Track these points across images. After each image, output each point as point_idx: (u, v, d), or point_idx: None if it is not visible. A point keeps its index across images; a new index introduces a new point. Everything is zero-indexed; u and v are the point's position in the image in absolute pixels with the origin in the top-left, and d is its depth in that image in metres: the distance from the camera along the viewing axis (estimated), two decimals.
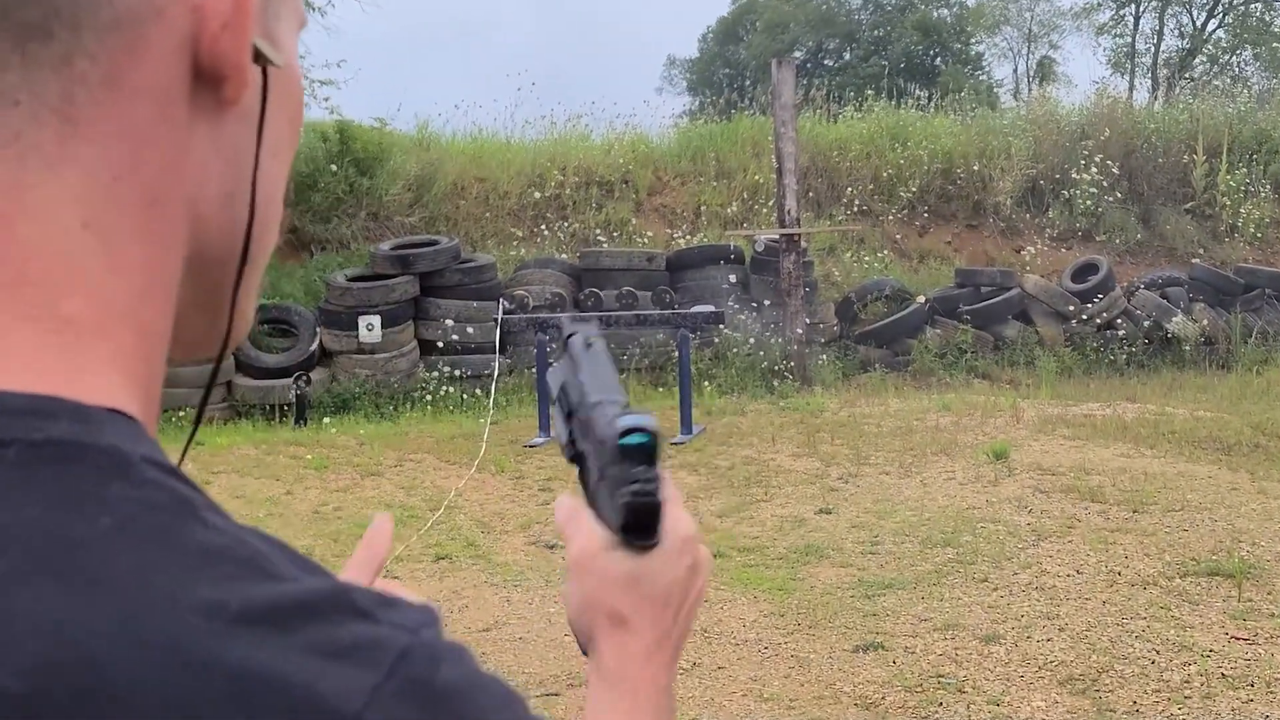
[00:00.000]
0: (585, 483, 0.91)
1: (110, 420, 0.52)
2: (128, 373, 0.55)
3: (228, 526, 0.51)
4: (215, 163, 0.59)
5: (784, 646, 5.65)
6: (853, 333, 16.00)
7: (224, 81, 0.57)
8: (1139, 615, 5.84)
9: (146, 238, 0.56)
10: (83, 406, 0.51)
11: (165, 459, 0.53)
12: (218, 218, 0.60)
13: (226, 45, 0.56)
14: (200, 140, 0.58)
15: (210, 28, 0.56)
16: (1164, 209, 19.11)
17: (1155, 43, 44.33)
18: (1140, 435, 10.22)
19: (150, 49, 0.55)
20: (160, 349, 0.58)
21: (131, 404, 0.54)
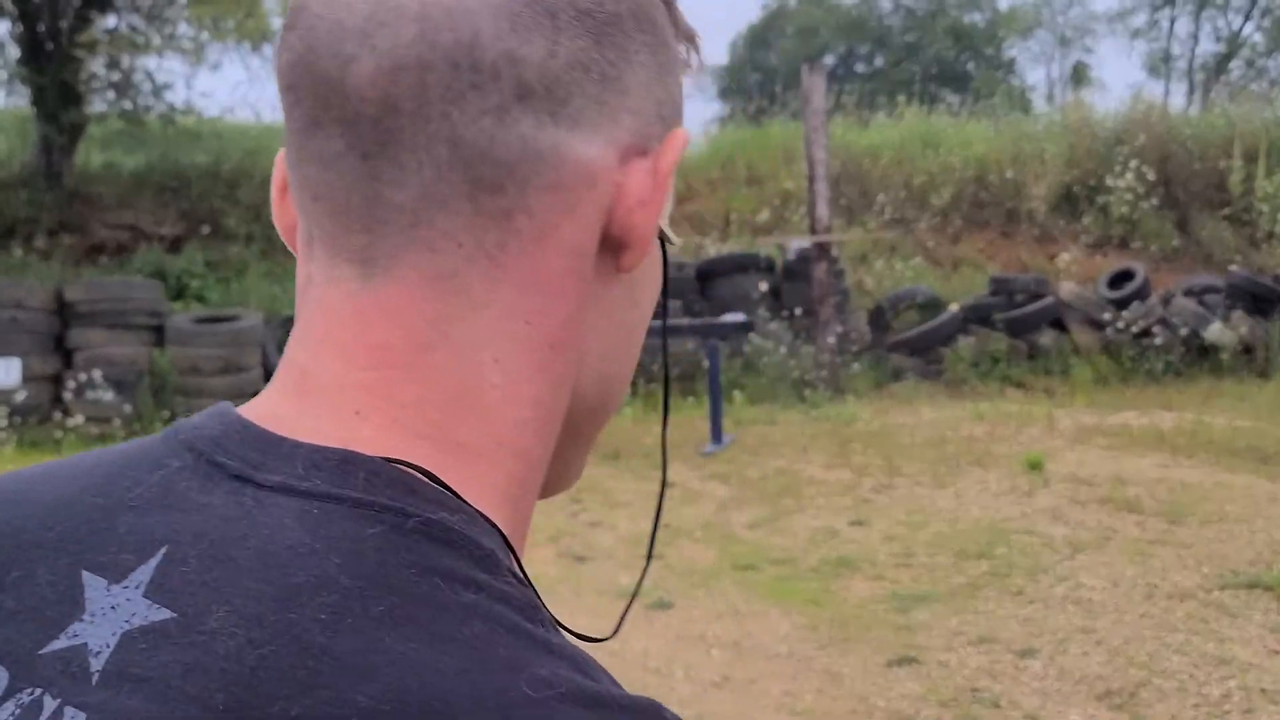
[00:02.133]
0: None
1: (490, 530, 0.60)
2: (504, 495, 0.63)
3: (565, 638, 0.58)
4: (601, 320, 0.67)
5: (817, 660, 5.59)
6: (885, 341, 15.91)
7: (625, 250, 0.65)
8: (1177, 629, 5.76)
9: (542, 377, 0.64)
10: (472, 509, 0.60)
11: (525, 575, 0.61)
12: (596, 369, 0.68)
13: (639, 220, 0.64)
14: (595, 300, 0.66)
15: (627, 203, 0.64)
16: (1201, 215, 18.95)
17: (1191, 47, 44.10)
18: (1178, 445, 10.11)
19: (577, 213, 0.63)
20: (537, 478, 0.66)
21: (504, 522, 0.62)
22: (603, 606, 6.49)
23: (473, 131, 0.59)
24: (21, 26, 15.88)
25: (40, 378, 12.81)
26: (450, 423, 0.61)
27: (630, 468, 10.18)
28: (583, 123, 0.62)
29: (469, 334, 0.61)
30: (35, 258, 15.07)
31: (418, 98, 0.58)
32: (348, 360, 0.61)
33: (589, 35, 0.62)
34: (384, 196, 0.60)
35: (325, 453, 0.58)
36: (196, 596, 0.54)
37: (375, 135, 0.59)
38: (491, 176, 0.60)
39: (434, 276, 0.61)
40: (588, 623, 6.15)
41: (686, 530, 8.04)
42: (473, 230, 0.60)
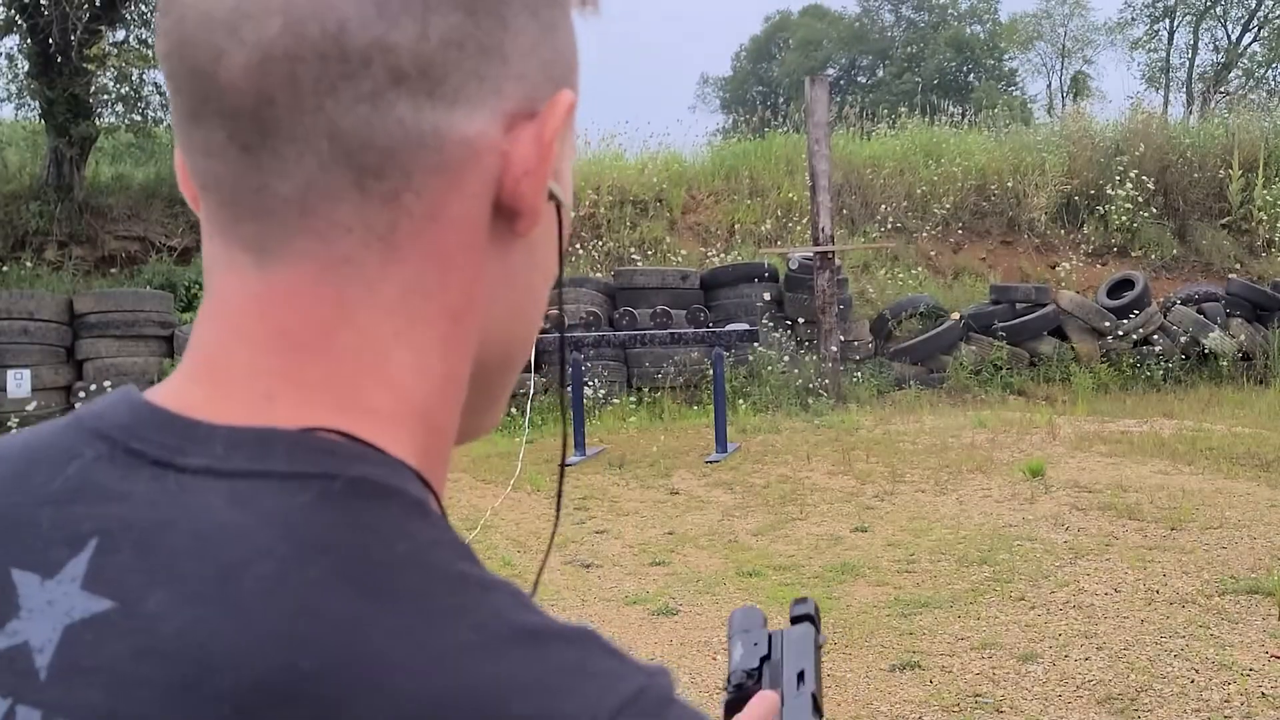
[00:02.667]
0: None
1: (413, 476, 0.61)
2: (418, 456, 0.63)
3: (498, 576, 0.58)
4: (503, 285, 0.67)
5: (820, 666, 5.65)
6: (887, 350, 15.98)
7: (518, 217, 0.65)
8: (1177, 634, 5.82)
9: (446, 349, 0.64)
10: (393, 459, 0.60)
11: (446, 517, 0.62)
12: (500, 332, 0.68)
13: (527, 188, 0.64)
14: (493, 266, 0.66)
15: (514, 172, 0.63)
16: (1200, 224, 19.03)
17: (1190, 57, 44.10)
18: (1178, 452, 10.17)
19: (465, 188, 0.62)
20: (446, 445, 0.67)
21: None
22: (609, 613, 6.56)
23: (350, 120, 0.59)
24: (31, 41, 15.96)
25: (51, 388, 12.90)
26: (360, 395, 0.61)
27: (636, 476, 10.25)
28: (462, 99, 0.61)
29: (370, 313, 0.61)
30: (46, 269, 15.15)
31: (290, 90, 0.58)
32: (253, 346, 0.61)
33: (461, 9, 0.61)
34: (270, 187, 0.60)
35: (243, 432, 0.58)
36: (134, 584, 0.54)
37: (254, 127, 0.59)
38: (375, 163, 0.60)
39: (328, 262, 0.61)
40: (594, 629, 6.23)
41: (691, 537, 8.11)
42: (362, 215, 0.60)
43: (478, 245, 0.64)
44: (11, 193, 16.07)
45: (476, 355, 0.67)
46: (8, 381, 12.50)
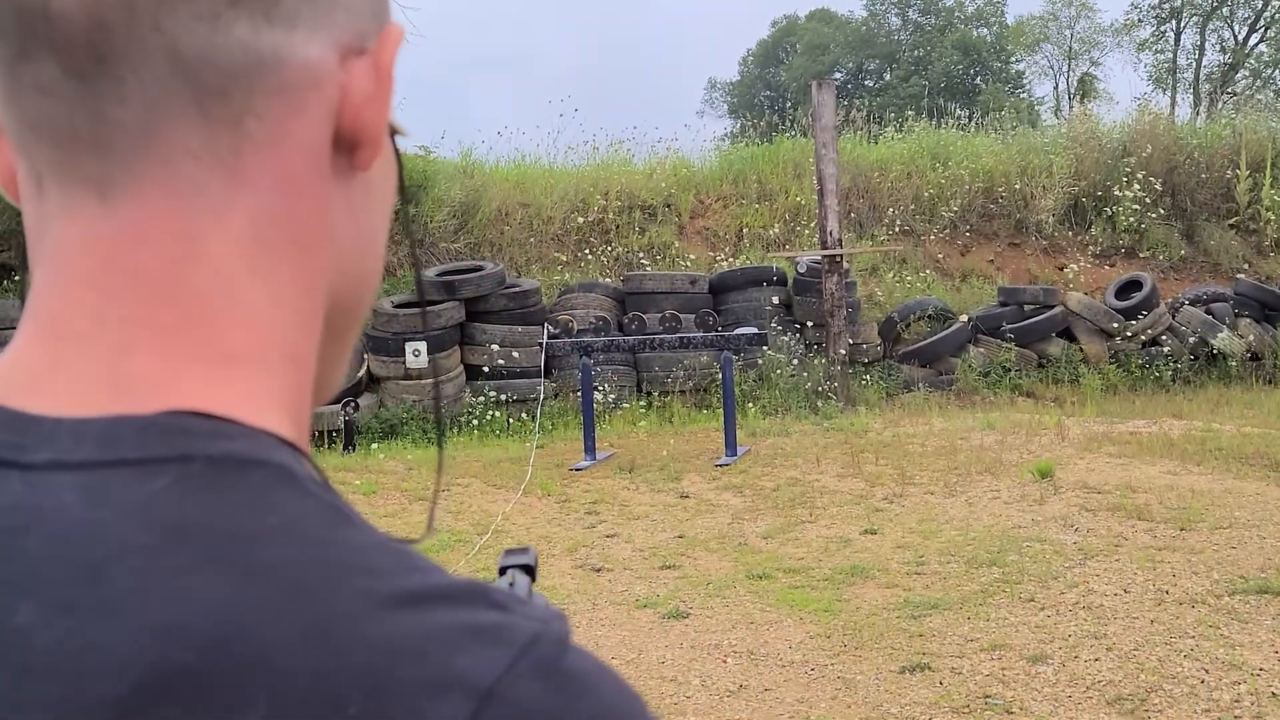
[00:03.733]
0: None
1: (276, 444, 0.59)
2: (284, 403, 0.62)
3: (377, 532, 0.58)
4: (347, 219, 0.67)
5: (830, 668, 5.67)
6: (896, 352, 15.99)
7: (359, 149, 0.65)
8: (1187, 634, 5.82)
9: (299, 279, 0.63)
10: (254, 429, 0.58)
11: (322, 477, 0.60)
12: (349, 268, 0.68)
13: (369, 118, 0.64)
14: (337, 199, 0.65)
15: (354, 100, 0.63)
16: (1207, 224, 19.02)
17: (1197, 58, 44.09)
18: (1187, 452, 10.17)
19: (307, 113, 0.62)
20: (309, 382, 0.65)
21: (287, 430, 0.61)
22: (620, 617, 6.58)
23: (188, 39, 0.58)
24: None
25: None
26: (219, 338, 0.59)
27: (646, 480, 10.26)
28: (299, 23, 0.61)
29: (221, 245, 0.60)
30: None
31: (125, 11, 0.57)
32: (102, 293, 0.59)
33: None
34: (109, 115, 0.58)
35: (88, 423, 0.56)
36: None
37: (88, 54, 0.57)
38: (216, 83, 0.59)
39: (175, 191, 0.59)
40: (605, 633, 6.25)
41: (701, 541, 8.12)
42: (206, 139, 0.59)
43: (323, 174, 0.64)
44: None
45: (328, 293, 0.66)
46: None
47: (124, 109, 0.58)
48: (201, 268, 0.60)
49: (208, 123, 0.59)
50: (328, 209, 0.65)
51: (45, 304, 0.60)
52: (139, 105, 0.58)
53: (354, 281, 0.69)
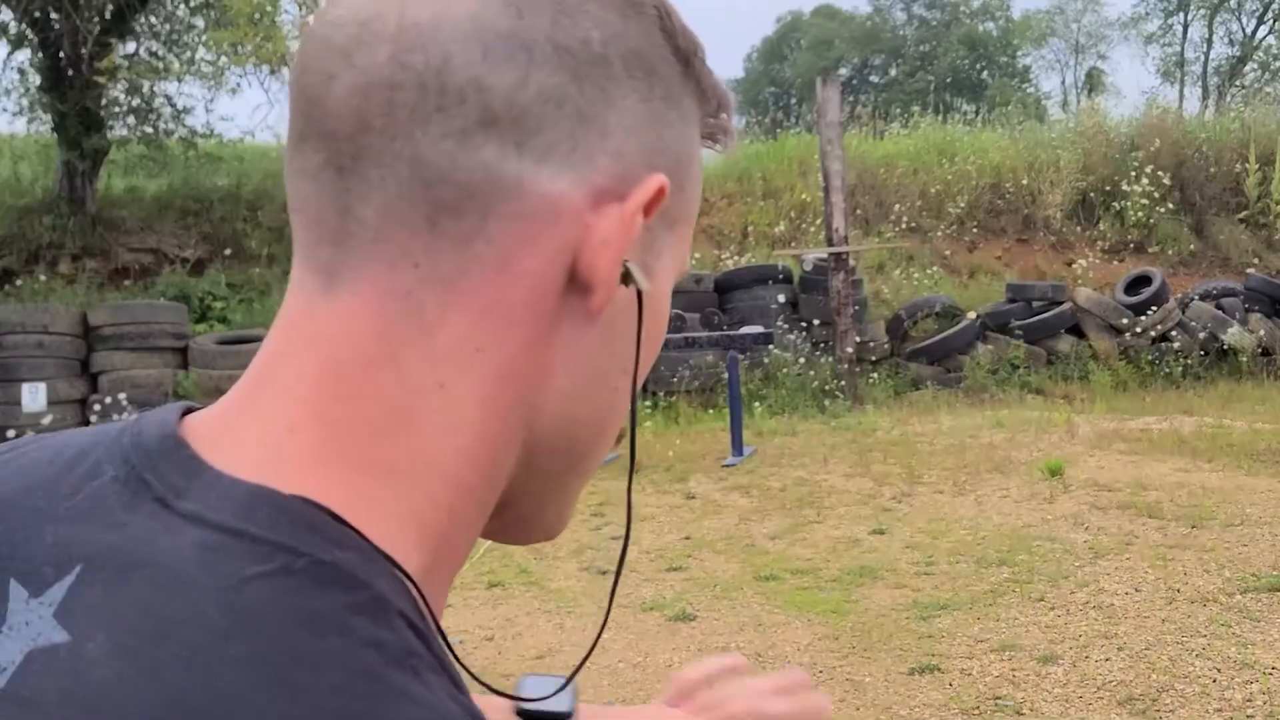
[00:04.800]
0: None
1: (387, 570, 0.59)
2: (426, 524, 0.62)
3: (443, 690, 0.56)
4: (566, 360, 0.66)
5: (839, 670, 5.62)
6: (903, 350, 15.94)
7: (592, 292, 0.64)
8: (1199, 633, 5.77)
9: (487, 406, 0.63)
10: (372, 548, 0.59)
11: (419, 617, 0.59)
12: (561, 408, 0.67)
13: (602, 260, 0.63)
14: (560, 336, 0.65)
15: (592, 242, 0.63)
16: (1217, 219, 18.95)
17: (1205, 51, 44.01)
18: (1198, 449, 10.11)
19: (539, 245, 0.62)
20: (474, 509, 0.65)
21: (417, 556, 0.61)
22: (626, 620, 6.54)
23: (434, 152, 0.60)
24: (42, 54, 16.03)
25: (66, 401, 12.93)
26: (377, 444, 0.61)
27: (653, 481, 10.22)
28: (552, 157, 0.62)
29: (418, 356, 0.61)
30: (60, 283, 15.19)
31: (386, 115, 0.60)
32: (297, 372, 0.62)
33: (566, 71, 0.62)
34: (352, 210, 0.61)
35: (240, 486, 0.58)
36: (89, 621, 0.55)
37: (350, 150, 0.61)
38: (452, 199, 0.61)
39: (389, 293, 0.61)
40: (611, 637, 6.21)
41: (709, 542, 8.08)
42: (431, 252, 0.61)
43: (544, 309, 0.63)
44: (24, 207, 16.12)
45: (529, 428, 0.66)
46: (23, 395, 12.52)
47: (365, 206, 0.61)
48: (388, 374, 0.61)
49: (436, 236, 0.61)
50: (542, 344, 0.64)
51: (259, 364, 0.64)
52: (378, 206, 0.61)
53: (567, 422, 0.68)
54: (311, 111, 0.62)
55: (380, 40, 0.60)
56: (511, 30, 0.61)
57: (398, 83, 0.60)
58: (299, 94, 0.63)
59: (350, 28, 0.61)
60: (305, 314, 0.63)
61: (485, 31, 0.61)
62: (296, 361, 0.62)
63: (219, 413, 0.64)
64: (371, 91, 0.60)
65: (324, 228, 0.62)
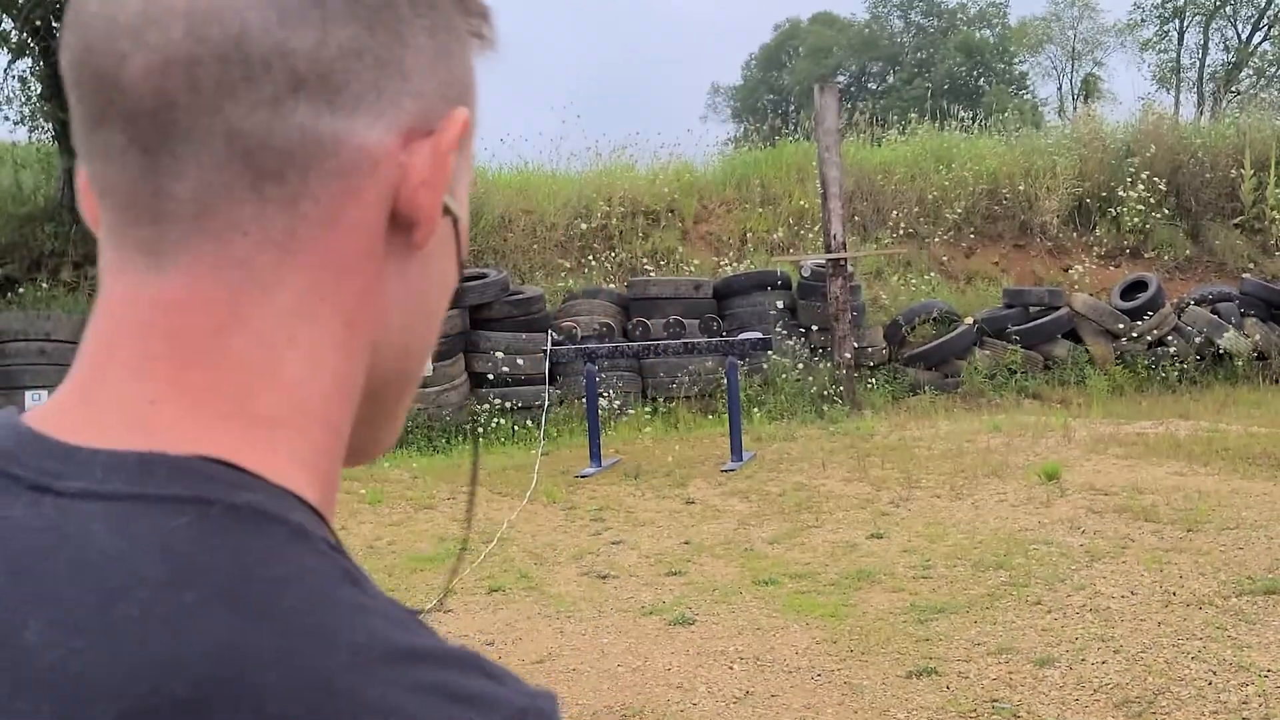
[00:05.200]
0: None
1: (296, 504, 0.61)
2: (312, 466, 0.64)
3: (383, 596, 0.59)
4: (399, 295, 0.69)
5: (837, 674, 5.66)
6: (901, 356, 15.97)
7: (415, 228, 0.67)
8: (1195, 636, 5.81)
9: (341, 351, 0.65)
10: (275, 486, 0.60)
11: (336, 541, 0.62)
12: (398, 341, 0.70)
13: (424, 199, 0.66)
14: (390, 276, 0.67)
15: (411, 182, 0.65)
16: (1212, 224, 18.99)
17: (1200, 57, 44.06)
18: (1194, 453, 10.15)
19: (363, 195, 0.64)
20: (342, 447, 0.67)
21: (310, 493, 0.63)
22: (625, 624, 6.57)
23: (249, 123, 0.60)
24: (43, 63, 16.07)
25: None
26: (249, 399, 0.61)
27: (652, 486, 10.26)
28: (361, 109, 0.63)
29: (263, 316, 0.62)
30: (62, 290, 15.21)
31: (191, 92, 0.59)
32: (139, 351, 0.62)
33: (360, 22, 0.63)
34: (166, 189, 0.61)
35: (123, 456, 0.58)
36: (10, 612, 0.54)
37: (154, 129, 0.60)
38: (273, 165, 0.61)
39: (223, 264, 0.61)
40: (611, 641, 6.25)
41: (708, 547, 8.12)
42: (259, 219, 0.61)
43: (375, 253, 0.65)
44: (27, 215, 16.15)
45: (372, 363, 0.68)
46: (26, 402, 12.55)
47: (181, 184, 0.61)
48: (240, 336, 0.62)
49: (262, 203, 0.62)
50: (376, 286, 0.67)
51: (88, 352, 0.64)
52: (195, 182, 0.61)
53: (403, 353, 0.71)
54: (106, 93, 0.61)
55: (172, 16, 0.59)
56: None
57: (197, 58, 0.59)
58: (88, 76, 0.62)
59: (134, 4, 0.60)
60: (134, 294, 0.63)
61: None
62: (136, 342, 0.62)
63: (62, 404, 0.63)
64: (171, 69, 0.59)
65: (139, 208, 0.62)
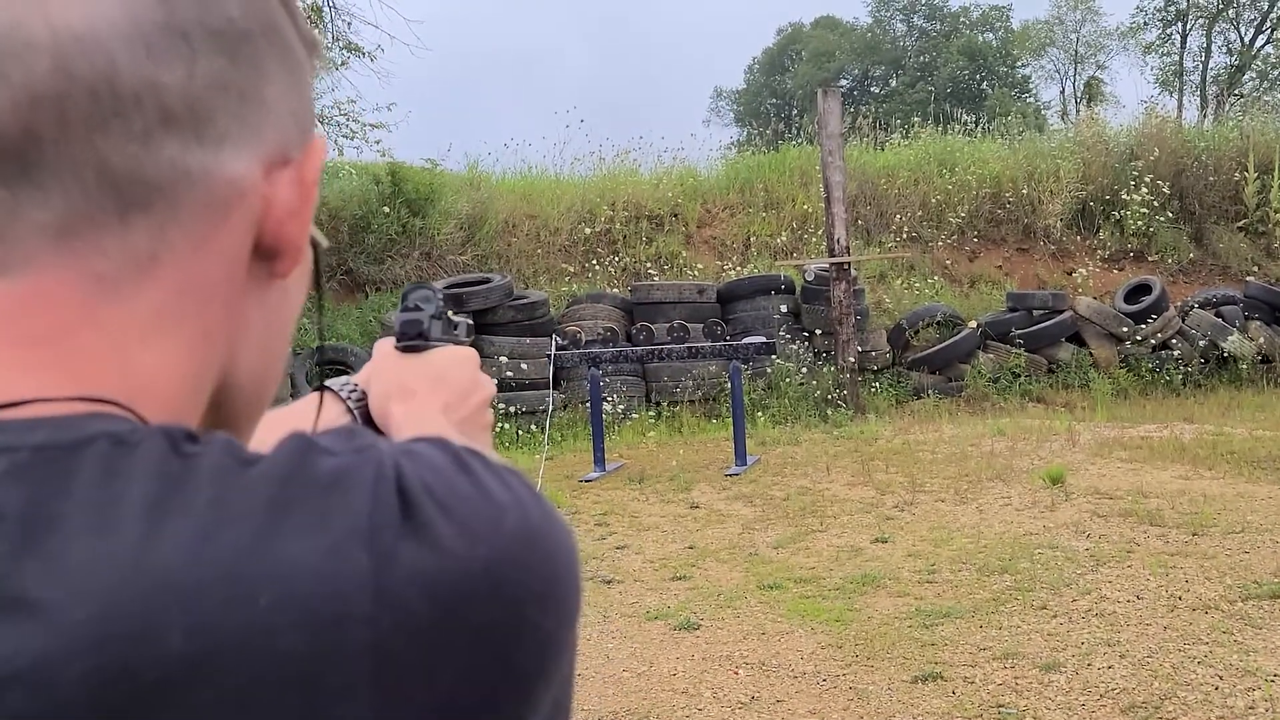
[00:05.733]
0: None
1: (113, 417, 0.60)
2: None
3: (334, 435, 0.62)
4: (259, 319, 0.70)
5: (842, 678, 5.65)
6: (905, 359, 15.97)
7: (279, 259, 0.69)
8: (1201, 640, 5.79)
9: (193, 358, 0.65)
10: (122, 409, 0.61)
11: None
12: (254, 362, 0.71)
13: (292, 231, 0.68)
14: (250, 303, 0.69)
15: (276, 214, 0.67)
16: (1216, 227, 18.98)
17: (1203, 60, 44.04)
18: (1198, 456, 10.14)
19: (229, 224, 0.65)
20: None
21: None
22: (630, 629, 6.56)
23: (120, 156, 0.60)
24: None
25: None
26: (96, 383, 0.61)
27: (656, 491, 10.25)
28: (228, 141, 0.64)
29: (116, 318, 0.62)
30: None
31: (59, 127, 0.59)
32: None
33: (224, 55, 0.63)
34: (26, 216, 0.60)
35: (7, 426, 0.57)
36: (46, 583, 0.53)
37: (18, 163, 0.59)
38: (142, 197, 0.61)
39: (79, 275, 0.61)
40: (616, 646, 6.24)
41: (712, 551, 8.11)
42: (122, 243, 0.61)
43: (236, 279, 0.67)
44: None
45: (228, 380, 0.69)
46: None
47: (43, 213, 0.60)
48: (90, 334, 0.61)
49: (127, 230, 0.62)
50: (239, 309, 0.68)
51: None
52: (60, 211, 0.60)
53: (256, 373, 0.72)
54: None
55: (34, 51, 0.58)
56: (166, 21, 0.61)
57: (66, 93, 0.59)
58: None
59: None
60: None
61: (143, 27, 0.61)
62: None
63: None
64: (39, 105, 0.58)
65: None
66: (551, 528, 0.65)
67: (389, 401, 1.14)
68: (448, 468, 0.62)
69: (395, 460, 0.60)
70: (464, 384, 1.16)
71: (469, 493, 0.61)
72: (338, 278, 15.99)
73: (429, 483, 0.59)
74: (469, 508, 0.60)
